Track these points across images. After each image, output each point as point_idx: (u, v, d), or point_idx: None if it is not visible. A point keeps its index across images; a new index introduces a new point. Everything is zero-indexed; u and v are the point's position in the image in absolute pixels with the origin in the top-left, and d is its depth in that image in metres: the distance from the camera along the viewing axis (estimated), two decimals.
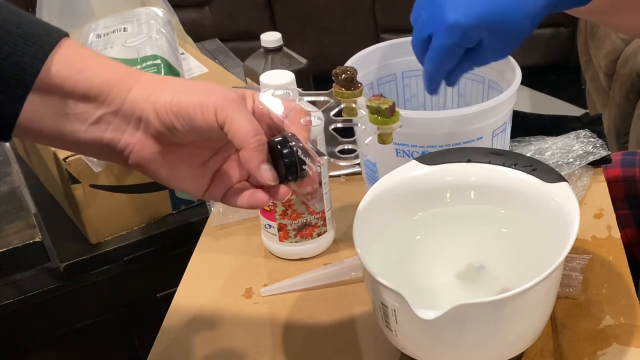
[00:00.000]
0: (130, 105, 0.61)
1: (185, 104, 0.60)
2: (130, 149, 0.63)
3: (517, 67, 0.88)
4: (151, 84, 0.62)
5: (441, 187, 0.81)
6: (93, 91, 0.60)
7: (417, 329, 0.68)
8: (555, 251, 0.68)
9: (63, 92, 0.59)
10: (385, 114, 0.70)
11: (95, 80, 0.60)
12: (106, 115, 0.61)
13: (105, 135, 0.62)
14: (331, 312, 0.85)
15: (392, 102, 0.70)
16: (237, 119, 0.61)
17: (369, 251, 0.71)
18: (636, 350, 0.76)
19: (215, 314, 0.87)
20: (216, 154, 0.66)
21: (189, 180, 0.65)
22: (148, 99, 0.61)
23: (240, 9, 2.78)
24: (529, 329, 0.71)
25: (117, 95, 0.61)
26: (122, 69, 0.62)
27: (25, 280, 1.18)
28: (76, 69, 0.59)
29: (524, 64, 0.90)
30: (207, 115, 0.60)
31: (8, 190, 1.09)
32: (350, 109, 0.71)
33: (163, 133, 0.62)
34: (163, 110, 0.60)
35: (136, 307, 1.27)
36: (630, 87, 1.93)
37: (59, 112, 0.60)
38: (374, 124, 0.71)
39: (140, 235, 1.21)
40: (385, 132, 0.71)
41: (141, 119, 0.61)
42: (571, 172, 1.00)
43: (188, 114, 0.60)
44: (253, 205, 0.66)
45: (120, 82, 0.61)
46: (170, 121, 0.61)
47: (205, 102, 0.60)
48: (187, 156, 0.64)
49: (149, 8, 1.32)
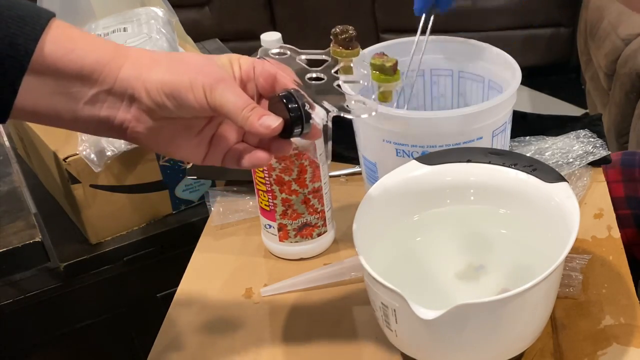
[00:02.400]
0: (121, 83, 0.62)
1: (177, 84, 0.62)
2: (127, 125, 0.64)
3: (517, 67, 0.88)
4: (140, 61, 0.63)
5: (441, 187, 0.81)
6: (85, 71, 0.61)
7: (417, 329, 0.68)
8: (555, 251, 0.68)
9: (57, 72, 0.60)
10: (389, 71, 0.73)
11: (87, 60, 0.61)
12: (100, 93, 0.62)
13: (101, 113, 0.63)
14: (331, 312, 0.85)
15: (395, 60, 0.73)
16: (226, 98, 0.62)
17: (369, 251, 0.71)
18: (636, 350, 0.76)
19: (215, 314, 0.87)
20: (210, 122, 0.67)
21: (187, 149, 0.67)
22: (139, 78, 0.62)
23: (240, 9, 2.78)
24: (529, 329, 0.71)
25: (109, 74, 0.62)
26: (112, 47, 0.63)
27: (25, 280, 1.18)
28: (68, 49, 0.60)
29: (524, 64, 0.90)
30: (198, 95, 0.62)
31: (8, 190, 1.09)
32: (348, 67, 0.73)
33: (155, 110, 0.63)
34: (154, 90, 0.62)
35: (136, 307, 1.27)
36: (630, 87, 1.93)
37: (54, 92, 0.61)
38: (376, 81, 0.74)
39: (140, 235, 1.21)
40: (387, 89, 0.74)
41: (133, 96, 0.63)
42: (571, 172, 1.00)
43: (179, 95, 0.62)
44: (255, 164, 0.67)
45: (111, 61, 0.62)
46: (162, 100, 0.62)
47: (194, 82, 0.62)
48: (182, 128, 0.66)
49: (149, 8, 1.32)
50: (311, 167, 0.87)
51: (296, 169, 0.86)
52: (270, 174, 0.87)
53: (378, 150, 0.87)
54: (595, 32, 2.16)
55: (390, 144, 0.85)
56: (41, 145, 1.18)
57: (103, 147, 1.09)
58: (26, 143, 1.29)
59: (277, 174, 0.87)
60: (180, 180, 1.21)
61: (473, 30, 2.61)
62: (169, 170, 1.19)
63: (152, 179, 1.18)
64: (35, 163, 1.31)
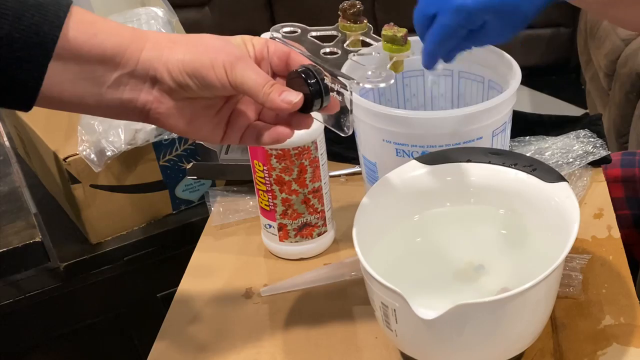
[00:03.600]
0: (143, 65, 0.63)
1: (198, 64, 0.63)
2: (149, 107, 0.65)
3: (517, 67, 0.88)
4: (160, 43, 0.64)
5: (441, 187, 0.81)
6: (107, 54, 0.62)
7: (417, 329, 0.68)
8: (555, 251, 0.68)
9: (80, 57, 0.61)
10: (400, 41, 0.75)
11: (108, 43, 0.62)
12: (122, 76, 0.63)
13: (124, 96, 0.64)
14: (331, 312, 0.85)
15: (406, 30, 0.75)
16: (247, 75, 0.64)
17: (369, 251, 0.71)
18: (636, 350, 0.76)
19: (215, 314, 0.87)
20: (227, 101, 0.68)
21: (206, 129, 0.68)
22: (160, 59, 0.63)
23: (240, 9, 2.78)
24: (529, 329, 0.71)
25: (130, 57, 0.63)
26: (130, 31, 0.64)
27: (25, 280, 1.18)
28: (90, 34, 0.61)
29: (524, 64, 0.90)
30: (219, 74, 0.63)
31: (8, 190, 1.09)
32: (357, 41, 0.75)
33: (177, 90, 0.64)
34: (176, 70, 0.63)
35: (136, 307, 1.27)
36: (630, 87, 1.93)
37: (78, 77, 0.62)
38: (388, 52, 0.75)
39: (140, 235, 1.21)
40: (399, 59, 0.76)
41: (155, 78, 0.64)
42: (571, 172, 1.00)
43: (201, 74, 0.63)
44: (277, 140, 0.68)
45: (132, 44, 0.63)
46: (184, 80, 0.63)
47: (215, 61, 0.63)
48: (201, 107, 0.67)
49: (149, 8, 1.32)
50: (311, 167, 0.87)
51: (296, 169, 0.86)
52: (270, 174, 0.87)
53: (378, 150, 0.87)
54: (595, 32, 2.16)
55: (390, 144, 0.85)
56: (41, 145, 1.18)
57: (103, 147, 1.09)
58: (26, 143, 1.29)
59: (277, 174, 0.87)
60: (180, 180, 1.21)
61: None
62: (169, 170, 1.19)
63: (152, 179, 1.18)
64: (35, 163, 1.31)
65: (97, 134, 1.09)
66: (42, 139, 1.15)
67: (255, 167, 0.89)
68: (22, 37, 0.58)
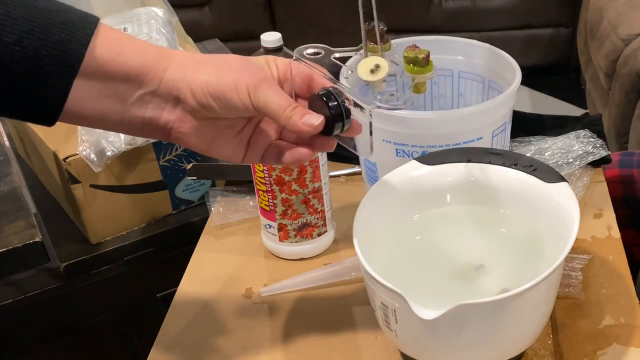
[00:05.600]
0: (167, 85, 0.64)
1: (222, 85, 0.63)
2: (171, 126, 0.66)
3: (517, 67, 0.88)
4: (184, 63, 0.64)
5: (441, 187, 0.81)
6: (132, 73, 0.62)
7: (417, 329, 0.68)
8: (555, 251, 0.68)
9: (105, 75, 0.62)
10: (421, 63, 0.75)
11: (134, 62, 0.62)
12: (146, 95, 0.64)
13: (146, 114, 0.65)
14: (331, 312, 0.85)
15: (427, 52, 0.75)
16: (269, 98, 0.64)
17: (369, 251, 0.71)
18: (636, 350, 0.76)
19: (215, 314, 0.87)
20: (249, 122, 0.69)
21: (227, 149, 0.69)
22: (184, 80, 0.64)
23: (240, 9, 2.78)
24: (529, 329, 0.71)
25: (154, 76, 0.63)
26: (156, 50, 0.64)
27: (25, 280, 1.18)
28: (115, 52, 0.62)
29: (524, 64, 0.90)
30: (242, 96, 0.63)
31: (8, 190, 1.09)
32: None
33: (199, 110, 0.64)
34: (200, 91, 0.63)
35: (136, 307, 1.27)
36: (630, 87, 1.92)
37: (102, 94, 0.63)
38: (410, 73, 0.75)
39: (140, 235, 1.21)
40: (421, 80, 0.75)
41: (179, 98, 0.64)
42: (571, 172, 1.00)
43: (225, 96, 0.63)
44: (298, 160, 0.69)
45: (156, 63, 0.63)
46: (207, 101, 0.64)
47: (239, 83, 0.63)
48: (223, 127, 0.67)
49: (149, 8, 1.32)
50: (311, 167, 0.87)
51: (296, 169, 0.86)
52: (270, 174, 0.87)
53: (378, 150, 0.87)
54: (595, 32, 2.16)
55: (390, 144, 0.85)
56: (41, 145, 1.18)
57: (103, 147, 1.09)
58: (26, 143, 1.29)
59: (277, 174, 0.87)
60: (180, 180, 1.21)
61: (473, 30, 2.61)
62: (169, 170, 1.19)
63: (152, 179, 1.18)
64: (35, 163, 1.31)
65: (97, 134, 1.09)
66: (42, 139, 1.15)
67: (255, 167, 0.89)
68: (49, 54, 0.58)
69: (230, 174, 1.06)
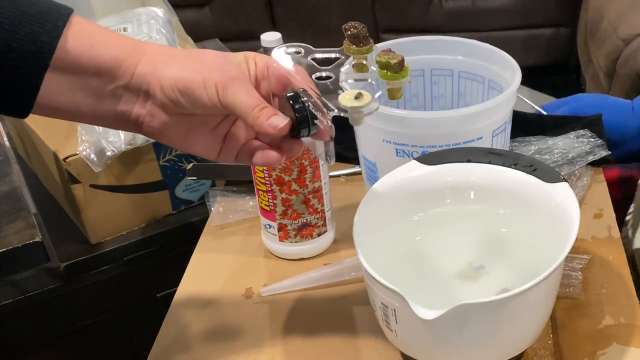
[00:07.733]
0: (137, 79, 0.63)
1: (190, 82, 0.62)
2: (142, 120, 0.65)
3: (517, 67, 0.88)
4: (157, 57, 0.64)
5: (441, 187, 0.81)
6: (104, 66, 0.62)
7: (417, 329, 0.68)
8: (555, 251, 0.68)
9: (77, 68, 0.61)
10: (394, 68, 0.71)
11: (106, 56, 0.62)
12: (117, 88, 0.63)
13: (118, 108, 0.64)
14: (331, 312, 0.85)
15: (402, 57, 0.71)
16: (238, 97, 0.63)
17: (369, 251, 0.71)
18: (636, 350, 0.76)
19: (215, 314, 0.87)
20: (225, 119, 0.68)
21: (201, 145, 0.68)
22: (154, 74, 0.63)
23: (240, 9, 2.78)
24: (529, 329, 0.71)
25: (126, 69, 0.63)
26: (130, 43, 0.64)
27: (25, 280, 1.18)
28: (87, 45, 0.61)
29: (524, 64, 0.90)
30: (211, 93, 0.63)
31: (8, 190, 1.09)
32: (361, 65, 0.72)
33: (169, 106, 0.64)
34: (168, 87, 0.63)
35: (136, 307, 1.27)
36: (630, 87, 1.92)
37: (74, 88, 0.62)
38: (383, 79, 0.72)
39: (140, 235, 1.21)
40: (395, 87, 0.72)
41: (149, 92, 0.63)
42: (571, 172, 1.00)
43: (193, 92, 0.63)
44: (267, 163, 0.68)
45: (129, 57, 0.63)
46: (176, 97, 0.63)
47: (208, 80, 0.62)
48: (197, 124, 0.67)
49: (149, 8, 1.32)
50: (311, 167, 0.87)
51: (296, 169, 0.86)
52: (270, 174, 0.87)
53: (378, 150, 0.87)
54: (595, 32, 2.16)
55: (390, 144, 0.85)
56: (41, 145, 1.18)
57: (103, 147, 1.09)
58: (26, 143, 1.29)
59: (277, 174, 0.87)
60: (180, 180, 1.21)
61: (473, 30, 2.61)
62: (169, 170, 1.19)
63: (152, 179, 1.18)
64: (35, 163, 1.31)
65: (97, 134, 1.09)
66: (42, 139, 1.15)
67: (255, 167, 0.89)
68: (19, 47, 0.58)
69: (230, 174, 1.06)
